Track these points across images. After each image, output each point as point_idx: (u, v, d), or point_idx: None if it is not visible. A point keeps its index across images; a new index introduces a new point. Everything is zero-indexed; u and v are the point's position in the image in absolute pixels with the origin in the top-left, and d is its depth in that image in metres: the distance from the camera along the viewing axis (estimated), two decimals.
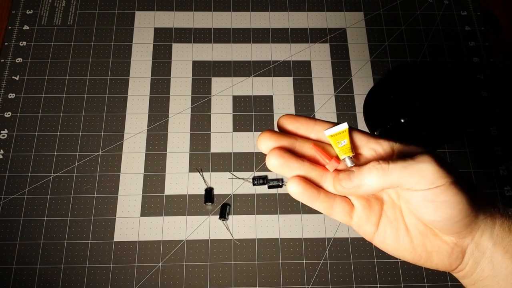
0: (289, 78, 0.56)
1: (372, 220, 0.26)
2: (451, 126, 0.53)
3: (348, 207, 0.27)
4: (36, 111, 0.53)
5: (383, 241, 0.26)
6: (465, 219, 0.24)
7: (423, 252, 0.26)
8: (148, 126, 0.53)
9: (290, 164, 0.25)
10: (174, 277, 0.46)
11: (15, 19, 0.58)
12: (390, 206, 0.27)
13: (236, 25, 0.59)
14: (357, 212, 0.27)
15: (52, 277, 0.46)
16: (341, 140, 0.26)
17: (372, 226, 0.26)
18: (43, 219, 0.48)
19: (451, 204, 0.23)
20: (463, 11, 0.61)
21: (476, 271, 0.26)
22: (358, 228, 0.27)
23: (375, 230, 0.26)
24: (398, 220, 0.26)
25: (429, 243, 0.26)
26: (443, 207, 0.23)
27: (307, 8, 0.61)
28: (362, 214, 0.26)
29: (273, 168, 0.25)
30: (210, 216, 0.49)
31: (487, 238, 0.25)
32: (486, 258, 0.25)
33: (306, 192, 0.25)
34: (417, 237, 0.26)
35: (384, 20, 0.60)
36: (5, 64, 0.56)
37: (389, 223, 0.26)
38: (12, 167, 0.50)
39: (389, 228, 0.26)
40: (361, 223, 0.26)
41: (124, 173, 0.51)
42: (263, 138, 0.26)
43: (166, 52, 0.57)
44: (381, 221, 0.26)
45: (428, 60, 0.58)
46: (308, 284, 0.46)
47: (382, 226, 0.26)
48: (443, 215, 0.24)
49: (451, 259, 0.26)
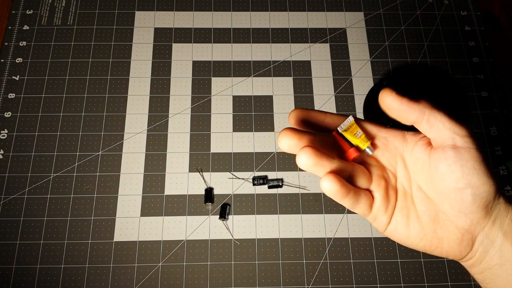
0: (289, 78, 0.56)
1: (389, 210, 0.27)
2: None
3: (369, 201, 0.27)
4: (36, 111, 0.53)
5: (395, 230, 0.27)
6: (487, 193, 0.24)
7: (434, 239, 0.26)
8: (148, 126, 0.53)
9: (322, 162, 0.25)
10: (174, 277, 0.46)
11: (15, 19, 0.58)
12: (402, 195, 0.27)
13: (236, 25, 0.59)
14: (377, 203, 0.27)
15: (52, 277, 0.46)
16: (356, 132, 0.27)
17: (388, 216, 0.27)
18: (43, 219, 0.48)
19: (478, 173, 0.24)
20: (463, 11, 0.61)
21: (485, 260, 0.26)
22: (374, 219, 0.27)
23: (389, 220, 0.27)
24: (409, 208, 0.27)
25: (440, 229, 0.26)
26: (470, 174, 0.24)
27: (307, 8, 0.61)
28: (381, 205, 0.27)
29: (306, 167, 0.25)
30: (210, 216, 0.49)
31: (498, 227, 0.25)
32: (495, 247, 0.25)
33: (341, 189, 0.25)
34: (428, 224, 0.26)
35: (384, 20, 0.60)
36: (5, 64, 0.56)
37: (401, 212, 0.27)
38: (12, 167, 0.50)
39: (400, 217, 0.27)
40: (378, 215, 0.27)
41: (124, 173, 0.51)
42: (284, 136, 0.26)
43: (166, 52, 0.57)
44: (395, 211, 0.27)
45: (428, 60, 0.58)
46: (308, 284, 0.46)
47: (395, 215, 0.27)
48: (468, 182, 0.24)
49: (461, 246, 0.26)
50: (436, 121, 0.25)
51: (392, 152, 0.28)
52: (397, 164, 0.28)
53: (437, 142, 0.26)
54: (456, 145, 0.25)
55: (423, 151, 0.26)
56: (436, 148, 0.26)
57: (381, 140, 0.28)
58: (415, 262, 0.47)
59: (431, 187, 0.26)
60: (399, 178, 0.28)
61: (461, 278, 0.47)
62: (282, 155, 0.52)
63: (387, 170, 0.28)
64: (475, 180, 0.24)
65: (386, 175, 0.28)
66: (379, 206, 0.27)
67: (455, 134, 0.25)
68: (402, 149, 0.28)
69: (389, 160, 0.28)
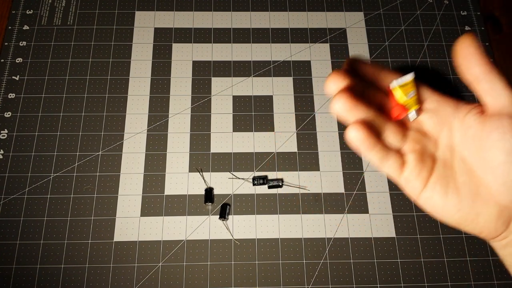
0: (289, 78, 0.56)
1: (422, 175, 0.26)
2: None
3: (400, 162, 0.26)
4: (36, 111, 0.53)
5: (431, 198, 0.26)
6: None
7: (471, 213, 0.25)
8: (148, 126, 0.53)
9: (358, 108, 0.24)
10: (174, 277, 0.46)
11: (15, 19, 0.58)
12: (442, 164, 0.26)
13: (236, 25, 0.59)
14: (409, 166, 0.26)
15: (52, 277, 0.46)
16: (410, 91, 0.26)
17: (421, 182, 0.26)
18: (43, 219, 0.48)
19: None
20: (463, 11, 0.61)
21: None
22: (406, 183, 0.26)
23: (424, 186, 0.26)
24: (449, 178, 0.26)
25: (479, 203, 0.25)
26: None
27: (307, 8, 0.61)
28: (413, 168, 0.26)
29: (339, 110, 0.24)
30: (210, 216, 0.49)
31: None
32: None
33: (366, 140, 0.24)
34: (467, 197, 0.25)
35: (384, 20, 0.60)
36: (5, 64, 0.56)
37: (439, 180, 0.26)
38: (12, 167, 0.50)
39: (438, 185, 0.26)
40: (411, 178, 0.26)
41: (124, 173, 0.51)
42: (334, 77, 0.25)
43: (166, 52, 0.57)
44: (431, 178, 0.26)
45: (428, 60, 0.58)
46: (308, 284, 0.46)
47: (432, 182, 0.26)
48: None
49: (498, 223, 0.25)
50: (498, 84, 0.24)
51: (441, 119, 0.27)
52: (442, 131, 0.27)
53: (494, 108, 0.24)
54: None
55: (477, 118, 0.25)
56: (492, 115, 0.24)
57: (432, 104, 0.27)
58: (415, 262, 0.47)
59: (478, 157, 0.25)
60: (441, 146, 0.27)
61: (461, 278, 0.47)
62: (282, 155, 0.52)
63: (430, 136, 0.27)
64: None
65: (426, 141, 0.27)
66: (411, 169, 0.26)
67: None
68: (452, 117, 0.27)
69: (435, 126, 0.27)
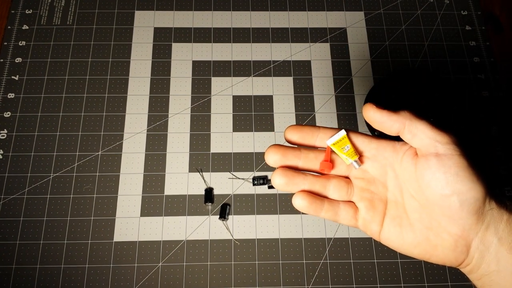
0: (289, 78, 0.56)
1: (376, 219, 0.28)
2: (452, 126, 0.53)
3: (352, 211, 0.28)
4: (35, 111, 0.53)
5: (389, 238, 0.27)
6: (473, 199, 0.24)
7: (428, 246, 0.26)
8: (148, 126, 0.53)
9: (294, 180, 0.27)
10: (174, 277, 0.46)
11: (15, 18, 0.58)
12: (393, 204, 0.28)
13: (236, 25, 0.59)
14: (361, 213, 0.28)
15: (52, 277, 0.46)
16: (344, 146, 0.28)
17: (377, 225, 0.28)
18: (43, 219, 0.48)
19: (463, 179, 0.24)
20: (463, 10, 0.61)
21: (482, 266, 0.26)
22: (365, 228, 0.28)
23: (381, 228, 0.28)
24: (402, 217, 0.27)
25: (433, 236, 0.26)
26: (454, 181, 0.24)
27: (307, 8, 0.61)
28: (366, 215, 0.28)
29: (279, 186, 0.27)
30: (210, 216, 0.49)
31: (492, 233, 0.25)
32: (491, 253, 0.25)
33: (311, 205, 0.27)
34: (421, 232, 0.27)
35: (384, 20, 0.60)
36: (5, 64, 0.56)
37: (393, 220, 0.27)
38: (12, 167, 0.50)
39: (393, 225, 0.27)
40: (367, 223, 0.28)
41: (124, 173, 0.51)
42: (270, 153, 0.28)
43: (166, 52, 0.57)
44: (385, 219, 0.28)
45: (428, 59, 0.58)
46: (308, 284, 0.46)
47: (387, 223, 0.28)
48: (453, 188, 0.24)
49: (456, 252, 0.26)
50: (417, 130, 0.26)
51: (382, 163, 0.29)
52: (387, 174, 0.28)
53: (421, 151, 0.26)
54: (438, 152, 0.25)
55: (410, 160, 0.27)
56: (421, 157, 0.26)
57: (371, 152, 0.28)
58: (415, 262, 0.47)
59: (420, 195, 0.27)
60: (389, 188, 0.28)
61: (461, 278, 0.47)
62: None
63: (377, 180, 0.29)
64: (460, 186, 0.24)
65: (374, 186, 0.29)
66: (364, 215, 0.28)
67: (437, 142, 0.25)
68: (392, 160, 0.28)
69: (379, 171, 0.29)
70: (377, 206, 0.28)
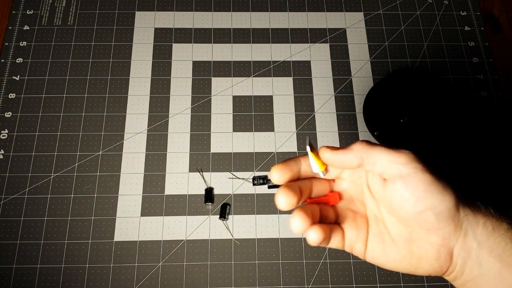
0: (289, 78, 0.56)
1: (361, 238, 0.28)
2: (451, 126, 0.53)
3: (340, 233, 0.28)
4: (36, 111, 0.53)
5: (373, 256, 0.28)
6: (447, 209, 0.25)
7: (412, 259, 0.27)
8: (148, 126, 0.53)
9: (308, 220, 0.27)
10: (174, 277, 0.46)
11: (16, 19, 0.59)
12: (373, 221, 0.28)
13: (236, 25, 0.60)
14: (347, 234, 0.28)
15: (52, 277, 0.46)
16: None
17: (362, 244, 0.28)
18: (43, 219, 0.48)
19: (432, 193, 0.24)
20: (462, 11, 0.61)
21: (465, 272, 0.26)
22: (351, 249, 0.28)
23: (365, 247, 0.28)
24: (383, 233, 0.28)
25: (415, 249, 0.26)
26: (424, 197, 0.25)
27: (307, 8, 0.61)
28: (351, 235, 0.28)
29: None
30: (210, 216, 0.49)
31: (471, 238, 0.25)
32: (472, 258, 0.26)
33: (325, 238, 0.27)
34: (404, 245, 0.27)
35: (384, 20, 0.60)
36: (6, 64, 0.56)
37: (376, 237, 0.28)
38: (12, 167, 0.50)
39: (376, 242, 0.28)
40: (352, 244, 0.28)
41: (124, 173, 0.51)
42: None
43: (166, 52, 0.57)
44: (368, 237, 0.28)
45: (428, 60, 0.58)
46: (308, 284, 0.46)
47: (370, 241, 0.28)
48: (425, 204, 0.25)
49: (440, 261, 0.26)
50: (375, 159, 0.26)
51: (357, 182, 0.29)
52: (364, 193, 0.29)
53: (386, 176, 0.26)
54: (401, 174, 0.25)
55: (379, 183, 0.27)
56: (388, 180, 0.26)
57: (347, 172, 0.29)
58: None
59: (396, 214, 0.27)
60: (368, 205, 0.29)
61: None
62: (282, 155, 0.52)
63: (355, 199, 0.29)
64: (431, 201, 0.25)
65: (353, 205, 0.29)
66: (350, 235, 0.28)
67: (397, 164, 0.25)
68: (365, 179, 0.28)
69: (355, 190, 0.29)
70: (360, 224, 0.28)
